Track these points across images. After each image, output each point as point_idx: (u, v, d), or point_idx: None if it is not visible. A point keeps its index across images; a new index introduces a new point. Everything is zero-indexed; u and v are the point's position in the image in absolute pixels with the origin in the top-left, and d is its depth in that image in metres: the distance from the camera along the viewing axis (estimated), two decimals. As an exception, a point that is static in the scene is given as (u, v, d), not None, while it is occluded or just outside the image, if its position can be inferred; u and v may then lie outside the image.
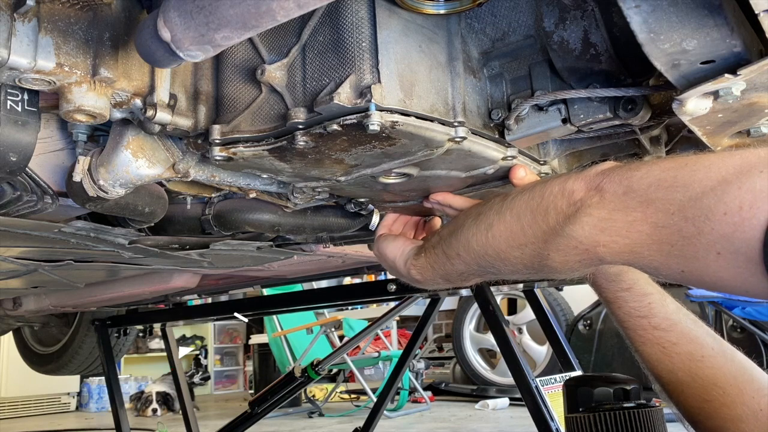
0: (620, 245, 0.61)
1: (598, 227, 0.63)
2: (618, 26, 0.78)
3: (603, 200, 0.63)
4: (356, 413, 5.41)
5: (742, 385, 0.92)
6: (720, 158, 0.57)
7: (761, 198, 0.51)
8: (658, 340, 0.97)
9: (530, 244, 0.71)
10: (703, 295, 3.74)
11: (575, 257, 0.66)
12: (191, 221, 1.29)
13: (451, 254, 0.82)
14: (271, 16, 0.62)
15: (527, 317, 5.53)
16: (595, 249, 0.63)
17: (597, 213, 0.63)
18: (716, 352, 0.95)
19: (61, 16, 0.77)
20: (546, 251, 0.69)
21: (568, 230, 0.65)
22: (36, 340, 3.59)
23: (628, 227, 0.60)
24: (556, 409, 1.76)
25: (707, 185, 0.55)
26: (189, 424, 3.01)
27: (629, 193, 0.61)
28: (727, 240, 0.52)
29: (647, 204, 0.59)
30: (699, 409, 0.94)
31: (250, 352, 8.30)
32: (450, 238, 0.83)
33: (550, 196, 0.69)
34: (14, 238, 1.28)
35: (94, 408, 7.12)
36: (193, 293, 2.66)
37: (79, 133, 0.97)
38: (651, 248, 0.59)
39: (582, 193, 0.66)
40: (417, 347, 2.74)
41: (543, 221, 0.69)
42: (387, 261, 0.96)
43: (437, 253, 0.85)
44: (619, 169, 0.65)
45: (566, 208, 0.67)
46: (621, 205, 0.61)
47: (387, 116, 0.74)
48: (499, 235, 0.74)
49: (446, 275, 0.86)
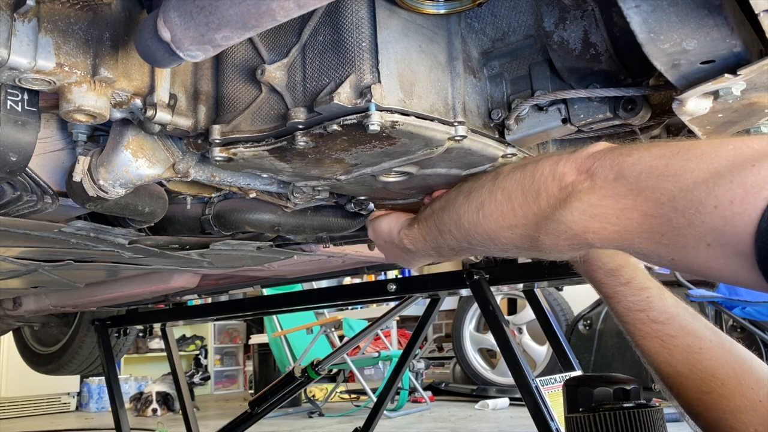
0: (610, 232, 0.61)
1: (588, 213, 0.63)
2: (618, 26, 0.78)
3: (594, 186, 0.63)
4: (356, 413, 5.41)
5: (741, 376, 0.92)
6: (713, 148, 0.56)
7: (752, 193, 0.51)
8: (657, 334, 0.97)
9: (521, 225, 0.71)
10: (703, 295, 3.74)
11: (565, 241, 0.67)
12: (191, 221, 1.29)
13: (443, 229, 0.83)
14: (271, 16, 0.62)
15: (527, 317, 5.52)
16: (585, 235, 0.64)
17: (587, 199, 0.63)
18: (714, 344, 0.96)
19: (61, 16, 0.77)
20: (536, 233, 0.69)
21: (558, 215, 0.66)
22: (36, 340, 3.58)
23: (618, 214, 0.60)
24: (556, 409, 1.75)
25: (699, 176, 0.55)
26: (189, 424, 3.00)
27: (620, 179, 0.61)
28: (717, 233, 0.52)
29: (638, 192, 0.59)
30: (698, 401, 0.94)
31: (250, 352, 8.29)
32: (442, 213, 0.84)
33: (541, 178, 0.69)
34: (14, 238, 1.28)
35: (94, 408, 7.11)
36: (193, 293, 2.66)
37: (79, 133, 0.97)
38: (641, 236, 0.59)
39: (573, 176, 0.66)
40: (417, 347, 2.74)
41: (534, 203, 0.69)
42: (382, 234, 0.96)
43: (429, 225, 0.86)
44: (610, 152, 0.64)
45: (557, 191, 0.67)
46: (611, 191, 0.61)
47: (387, 116, 0.74)
48: (490, 215, 0.74)
49: (437, 248, 0.86)
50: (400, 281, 2.20)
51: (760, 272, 0.50)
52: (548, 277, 1.98)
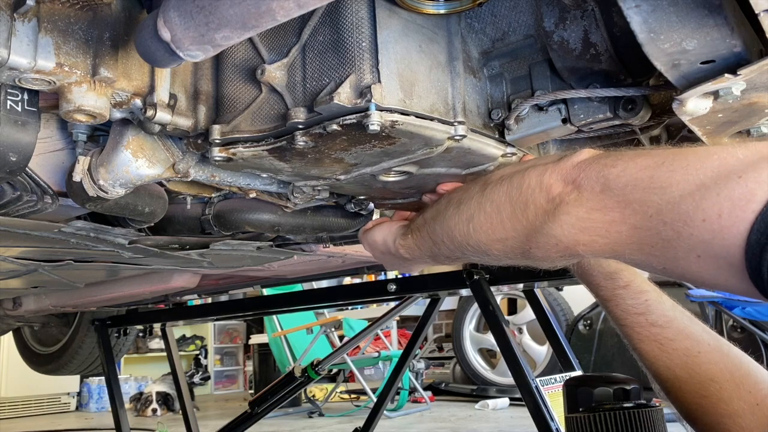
0: (600, 244, 0.61)
1: (577, 227, 0.62)
2: (618, 26, 0.78)
3: (581, 197, 0.62)
4: (356, 413, 5.41)
5: (739, 380, 0.92)
6: (698, 158, 0.56)
7: (740, 206, 0.50)
8: (655, 337, 0.97)
9: (511, 238, 0.71)
10: (703, 295, 3.74)
11: (556, 253, 0.66)
12: (191, 221, 1.29)
13: (436, 240, 0.82)
14: (271, 16, 0.62)
15: (527, 317, 5.53)
16: (575, 247, 0.63)
17: (575, 212, 0.62)
18: (713, 347, 0.95)
19: (61, 16, 0.77)
20: (527, 245, 0.69)
21: (547, 228, 0.65)
22: (36, 340, 3.58)
23: (607, 227, 0.60)
24: (556, 409, 1.75)
25: (685, 189, 0.54)
26: (189, 424, 3.00)
27: (606, 191, 0.60)
28: (707, 245, 0.52)
29: (624, 205, 0.58)
30: (696, 405, 0.94)
31: (250, 352, 8.29)
32: (433, 223, 0.83)
33: (528, 189, 0.68)
34: (14, 238, 1.28)
35: (94, 408, 7.12)
36: (193, 293, 2.66)
37: (79, 133, 0.97)
38: (631, 248, 0.59)
39: (559, 187, 0.65)
40: (417, 347, 2.74)
41: (522, 216, 0.69)
42: (377, 246, 0.95)
43: (423, 235, 0.86)
44: (595, 163, 0.64)
45: (545, 203, 0.66)
46: (599, 204, 0.61)
47: (387, 116, 0.74)
48: (480, 227, 0.74)
49: (433, 256, 0.86)
50: (400, 281, 2.20)
51: (752, 283, 0.50)
52: (548, 278, 1.98)
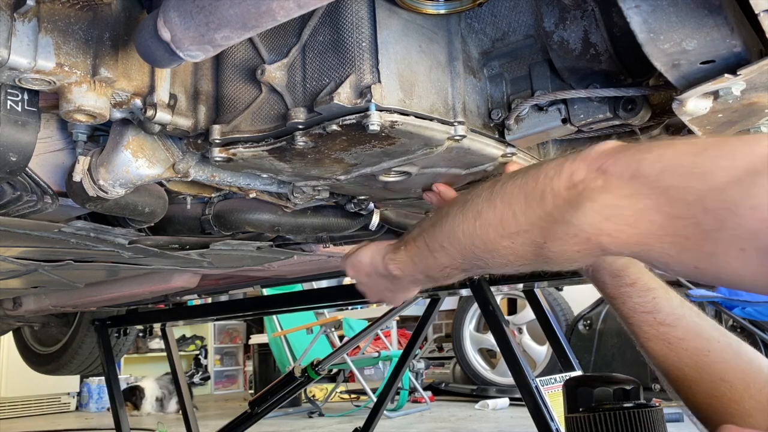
0: (627, 235, 0.56)
1: (603, 214, 0.57)
2: (618, 26, 0.78)
3: (608, 184, 0.57)
4: (356, 413, 5.40)
5: (750, 378, 0.90)
6: (745, 144, 0.52)
7: None
8: (664, 336, 0.94)
9: (523, 232, 0.64)
10: (703, 295, 3.73)
11: (574, 246, 0.60)
12: (191, 221, 1.29)
13: (435, 246, 0.75)
14: (271, 16, 0.62)
15: (527, 317, 5.52)
16: (599, 238, 0.58)
17: (601, 198, 0.57)
18: (723, 345, 0.93)
19: (61, 16, 0.77)
20: (542, 239, 0.63)
21: (568, 216, 0.59)
22: (36, 340, 3.58)
23: (638, 216, 0.54)
24: (556, 409, 1.75)
25: (732, 174, 0.49)
26: (189, 424, 3.00)
27: (638, 177, 0.55)
28: (754, 237, 0.48)
29: (660, 191, 0.53)
30: (707, 405, 0.92)
31: (250, 352, 8.29)
32: (433, 229, 0.76)
33: (545, 179, 0.63)
34: (14, 238, 1.28)
35: (94, 408, 7.11)
36: (193, 293, 2.66)
37: (79, 133, 0.97)
38: (663, 240, 0.54)
39: (583, 173, 0.59)
40: (417, 347, 2.74)
41: (538, 206, 0.63)
42: (362, 266, 0.89)
43: (418, 245, 0.79)
44: (625, 150, 0.59)
45: (565, 190, 0.60)
46: (629, 190, 0.55)
47: (387, 116, 0.74)
48: (488, 223, 0.67)
49: (428, 269, 0.79)
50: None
51: None
52: (548, 277, 1.98)
